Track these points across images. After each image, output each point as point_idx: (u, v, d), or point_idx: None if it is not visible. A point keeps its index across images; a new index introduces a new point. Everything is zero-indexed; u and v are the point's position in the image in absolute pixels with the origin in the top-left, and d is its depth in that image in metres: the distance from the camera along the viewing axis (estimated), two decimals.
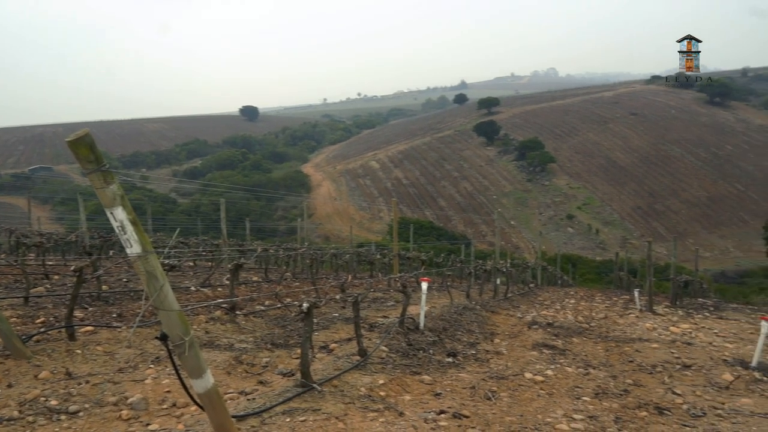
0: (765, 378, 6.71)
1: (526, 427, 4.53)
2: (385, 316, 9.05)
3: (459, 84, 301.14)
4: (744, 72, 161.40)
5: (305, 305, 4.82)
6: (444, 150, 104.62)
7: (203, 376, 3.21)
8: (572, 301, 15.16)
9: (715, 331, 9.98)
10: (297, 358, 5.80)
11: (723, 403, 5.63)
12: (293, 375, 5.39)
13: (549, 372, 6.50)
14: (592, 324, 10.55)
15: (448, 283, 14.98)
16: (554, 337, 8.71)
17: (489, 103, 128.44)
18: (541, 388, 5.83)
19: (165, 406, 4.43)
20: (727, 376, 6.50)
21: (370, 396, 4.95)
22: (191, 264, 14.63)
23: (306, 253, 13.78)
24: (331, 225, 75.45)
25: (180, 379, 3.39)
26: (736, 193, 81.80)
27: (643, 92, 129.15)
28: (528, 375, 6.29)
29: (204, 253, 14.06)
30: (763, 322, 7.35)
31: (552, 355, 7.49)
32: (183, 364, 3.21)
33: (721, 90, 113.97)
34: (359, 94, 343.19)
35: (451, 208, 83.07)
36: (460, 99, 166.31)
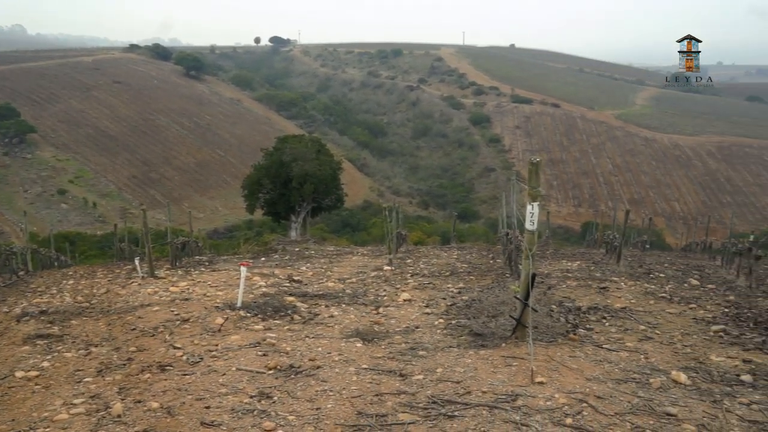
0: (248, 314, 7.90)
1: (20, 431, 4.05)
2: None
3: None
4: (212, 49, 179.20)
5: None
6: None
7: None
8: (71, 282, 14.14)
9: (209, 283, 11.07)
10: None
11: (217, 345, 6.36)
12: None
13: (45, 364, 5.96)
14: (93, 301, 10.13)
15: None
16: (50, 325, 7.98)
17: None
18: (36, 384, 5.30)
19: None
20: (219, 320, 7.35)
21: None
22: None
23: None
24: None
25: None
26: (219, 159, 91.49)
27: (123, 60, 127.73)
28: (20, 374, 5.60)
29: None
30: (242, 268, 8.59)
31: (48, 344, 6.87)
32: None
33: (196, 64, 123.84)
34: None
35: None
36: None
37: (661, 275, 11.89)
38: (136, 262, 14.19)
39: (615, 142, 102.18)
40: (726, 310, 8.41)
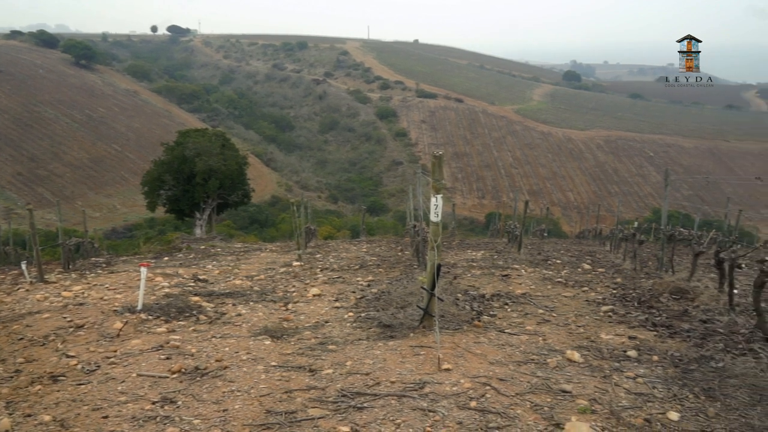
0: (150, 317, 7.55)
1: None
2: None
3: None
4: (104, 37, 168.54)
5: None
6: None
7: None
8: None
9: (107, 286, 10.46)
10: None
11: (115, 351, 6.02)
12: None
13: None
14: None
15: None
16: None
17: None
18: None
19: None
20: (118, 325, 6.97)
21: None
22: None
23: None
24: None
25: None
26: (115, 154, 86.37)
27: (4, 48, 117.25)
28: None
29: None
30: (142, 268, 8.20)
31: None
32: None
33: (86, 53, 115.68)
34: None
35: None
36: None
37: (558, 261, 12.63)
38: (23, 266, 13.14)
39: (515, 136, 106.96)
40: (614, 291, 9.09)
